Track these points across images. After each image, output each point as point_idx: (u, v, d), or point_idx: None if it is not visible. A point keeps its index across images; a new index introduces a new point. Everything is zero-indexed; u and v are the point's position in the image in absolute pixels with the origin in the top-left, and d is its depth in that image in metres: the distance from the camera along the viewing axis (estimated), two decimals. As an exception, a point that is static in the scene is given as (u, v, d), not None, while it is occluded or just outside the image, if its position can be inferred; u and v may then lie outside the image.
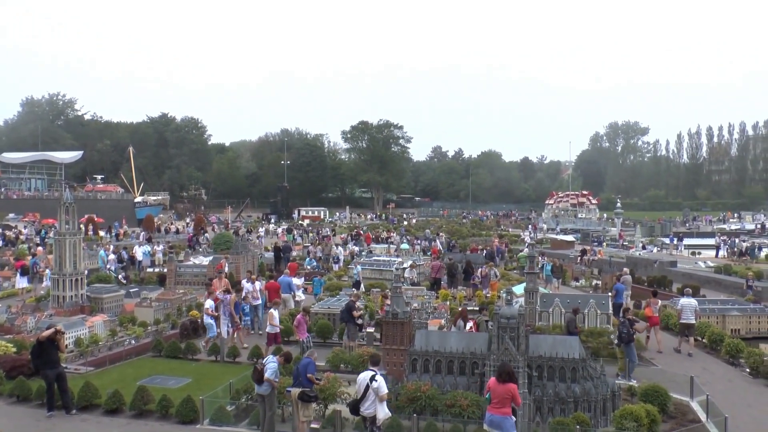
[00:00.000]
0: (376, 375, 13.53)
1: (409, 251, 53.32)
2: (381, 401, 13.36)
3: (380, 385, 13.37)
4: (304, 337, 22.49)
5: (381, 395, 13.33)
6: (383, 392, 13.37)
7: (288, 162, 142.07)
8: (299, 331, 22.73)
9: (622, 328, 20.51)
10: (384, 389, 13.40)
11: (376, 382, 13.37)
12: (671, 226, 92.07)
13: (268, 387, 14.83)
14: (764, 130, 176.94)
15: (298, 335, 22.78)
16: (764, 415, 17.27)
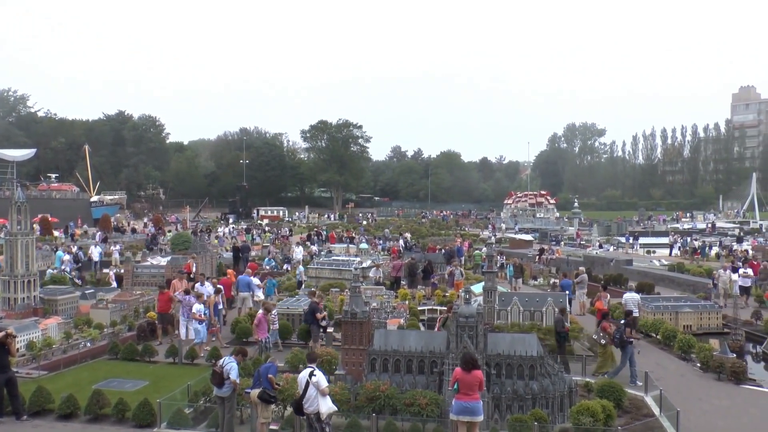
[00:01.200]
0: (314, 370, 13.62)
1: (369, 251, 53.31)
2: (323, 395, 13.42)
3: (319, 379, 13.45)
4: (263, 337, 22.34)
5: (322, 389, 13.40)
6: (323, 386, 13.45)
7: (247, 161, 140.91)
8: (259, 330, 22.55)
9: (616, 333, 20.46)
10: (324, 383, 13.48)
11: (315, 377, 13.44)
12: (627, 225, 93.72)
13: (228, 389, 14.66)
14: (714, 132, 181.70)
15: (258, 334, 22.60)
16: (713, 408, 17.81)
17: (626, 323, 20.70)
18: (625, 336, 20.10)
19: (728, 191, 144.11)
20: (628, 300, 27.00)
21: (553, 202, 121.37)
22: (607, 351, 20.97)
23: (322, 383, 13.45)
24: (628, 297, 27.31)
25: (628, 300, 26.99)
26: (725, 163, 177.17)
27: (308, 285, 35.26)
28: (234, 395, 14.86)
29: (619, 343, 20.30)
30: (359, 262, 39.35)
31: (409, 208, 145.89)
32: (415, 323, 24.95)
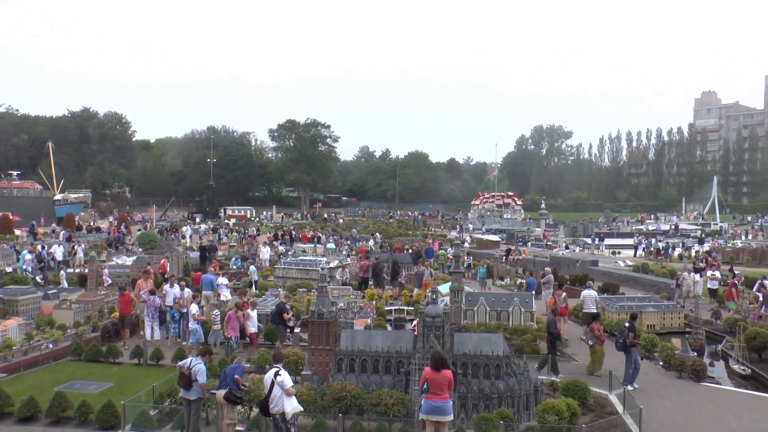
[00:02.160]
0: (279, 370, 13.52)
1: (336, 251, 53.22)
2: (288, 395, 13.32)
3: (284, 379, 13.35)
4: (234, 335, 22.15)
5: (286, 389, 13.29)
6: (288, 385, 13.33)
7: (214, 160, 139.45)
8: (229, 328, 22.33)
9: (619, 338, 20.39)
10: (288, 383, 13.36)
11: (280, 377, 13.34)
12: (593, 226, 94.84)
13: (197, 391, 14.50)
14: (678, 136, 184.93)
15: (228, 331, 22.36)
16: (675, 405, 18.17)
17: (629, 327, 20.30)
18: (628, 341, 19.85)
19: (691, 194, 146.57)
20: (585, 296, 27.58)
21: (520, 203, 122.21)
22: (597, 352, 20.94)
23: (287, 383, 13.33)
24: (585, 294, 27.88)
25: (586, 297, 27.55)
26: (688, 167, 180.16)
27: (275, 285, 35.07)
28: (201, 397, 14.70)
29: (622, 348, 20.11)
30: (326, 263, 39.29)
31: (377, 209, 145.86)
32: (382, 323, 25.02)
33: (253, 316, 23.21)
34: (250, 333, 22.87)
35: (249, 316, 22.96)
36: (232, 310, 22.87)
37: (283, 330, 23.65)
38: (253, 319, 23.16)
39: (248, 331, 22.89)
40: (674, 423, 16.71)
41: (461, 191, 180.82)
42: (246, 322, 22.87)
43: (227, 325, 22.48)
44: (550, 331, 21.45)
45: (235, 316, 22.47)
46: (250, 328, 22.93)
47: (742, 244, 67.23)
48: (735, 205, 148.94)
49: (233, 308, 23.40)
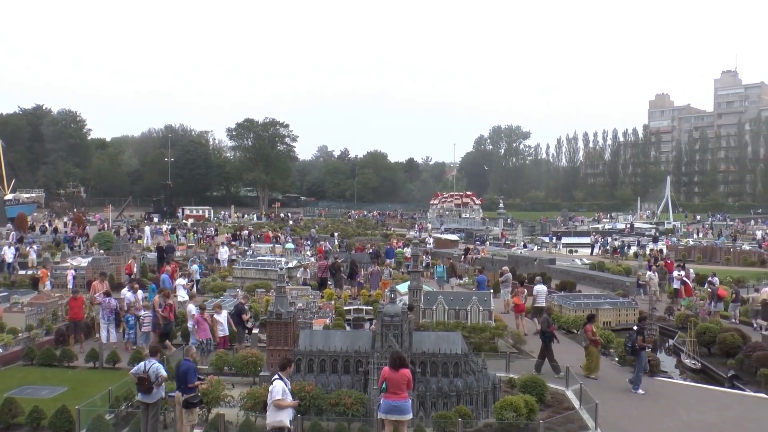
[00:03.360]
0: (275, 379, 13.09)
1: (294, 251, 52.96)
2: (275, 407, 12.84)
3: (273, 388, 12.90)
4: (205, 338, 21.88)
5: (273, 400, 12.85)
6: (274, 397, 12.84)
7: (172, 159, 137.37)
8: (199, 331, 22.01)
9: (627, 342, 20.20)
10: (276, 394, 12.82)
11: (272, 385, 12.97)
12: (550, 225, 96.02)
13: (156, 394, 14.22)
14: (633, 137, 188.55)
15: (198, 335, 22.04)
16: (629, 399, 18.70)
17: (638, 331, 20.01)
18: (637, 345, 19.55)
19: (645, 193, 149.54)
20: (538, 292, 28.38)
21: (479, 202, 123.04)
22: (591, 353, 20.79)
23: (274, 394, 12.84)
24: (538, 289, 28.58)
25: (539, 292, 28.38)
26: (643, 167, 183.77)
27: (233, 286, 34.74)
28: (160, 400, 14.47)
29: (631, 352, 19.93)
30: (285, 263, 39.07)
31: (336, 208, 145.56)
32: (341, 323, 24.96)
33: (222, 320, 22.89)
34: (219, 337, 22.57)
35: (218, 321, 22.66)
36: (199, 314, 22.55)
37: (242, 331, 23.44)
38: (222, 323, 22.85)
39: (217, 336, 22.59)
40: (628, 416, 17.12)
41: (420, 191, 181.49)
42: (216, 326, 22.58)
43: (197, 329, 22.14)
44: (542, 330, 21.44)
45: (203, 319, 22.18)
46: (219, 332, 22.64)
47: (693, 242, 68.74)
48: (687, 204, 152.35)
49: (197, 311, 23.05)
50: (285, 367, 13.50)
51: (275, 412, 12.89)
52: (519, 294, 28.50)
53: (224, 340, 22.77)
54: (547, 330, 21.15)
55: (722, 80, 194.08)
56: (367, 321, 26.81)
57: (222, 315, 23.04)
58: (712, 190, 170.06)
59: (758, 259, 51.33)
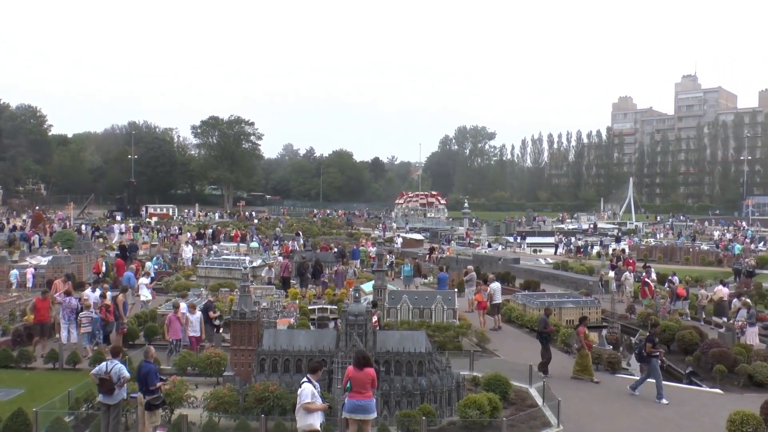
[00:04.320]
0: (304, 382, 12.81)
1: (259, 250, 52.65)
2: (304, 410, 12.55)
3: (302, 392, 12.61)
4: (175, 338, 21.59)
5: (301, 404, 12.60)
6: (303, 400, 12.54)
7: (135, 156, 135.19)
8: (170, 331, 21.72)
9: (636, 348, 19.89)
10: (306, 398, 12.47)
11: (300, 389, 12.72)
12: (515, 225, 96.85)
13: (118, 395, 13.98)
14: (597, 138, 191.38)
15: (169, 335, 21.74)
16: (591, 396, 18.99)
17: (648, 337, 19.36)
18: (645, 351, 19.01)
19: (609, 194, 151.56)
20: (495, 289, 28.93)
21: (444, 202, 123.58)
22: (584, 355, 20.56)
23: (303, 397, 12.56)
24: (494, 287, 29.14)
25: (495, 289, 28.94)
26: (606, 168, 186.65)
27: (197, 285, 34.40)
28: (122, 401, 14.22)
29: (639, 358, 19.49)
30: (249, 262, 38.83)
31: (301, 207, 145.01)
32: (305, 322, 24.88)
33: (194, 320, 22.61)
34: (190, 337, 22.27)
35: (190, 321, 22.37)
36: (171, 313, 22.25)
37: (211, 329, 23.16)
38: (193, 324, 22.55)
39: (188, 335, 22.30)
40: (590, 413, 17.38)
41: (385, 190, 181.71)
42: (187, 326, 22.30)
43: (168, 328, 21.85)
44: (539, 330, 21.31)
45: (176, 318, 21.87)
46: (190, 332, 22.36)
47: (654, 242, 69.88)
48: (649, 205, 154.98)
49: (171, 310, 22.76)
50: (315, 371, 13.20)
51: (305, 416, 12.58)
52: (481, 291, 28.88)
53: (197, 339, 22.46)
54: (544, 330, 21.06)
55: (682, 84, 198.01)
56: (332, 320, 26.76)
57: (196, 315, 22.73)
58: (673, 192, 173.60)
59: (715, 259, 52.41)
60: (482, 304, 28.16)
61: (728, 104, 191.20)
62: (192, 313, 22.56)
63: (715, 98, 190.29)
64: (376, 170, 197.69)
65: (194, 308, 23.02)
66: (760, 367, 20.36)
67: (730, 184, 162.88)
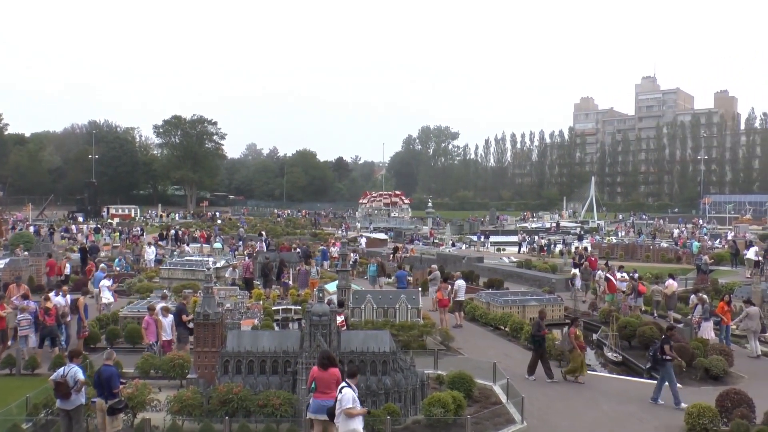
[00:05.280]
0: (344, 387, 12.65)
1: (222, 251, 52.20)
2: (347, 416, 12.39)
3: (344, 397, 12.43)
4: (154, 341, 21.25)
5: (343, 409, 12.42)
6: (345, 406, 12.37)
7: (96, 156, 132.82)
8: (148, 334, 21.44)
9: (650, 352, 19.13)
10: (347, 403, 12.33)
11: (341, 394, 12.52)
12: (479, 224, 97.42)
13: (76, 400, 13.74)
14: (559, 138, 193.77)
15: (148, 338, 21.44)
16: (555, 392, 19.23)
17: (663, 340, 18.85)
18: (659, 354, 18.46)
19: (571, 193, 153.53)
20: (459, 286, 29.11)
21: (408, 201, 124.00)
22: (576, 356, 20.29)
23: (345, 403, 12.39)
24: (459, 284, 29.37)
25: (459, 287, 29.16)
26: (568, 167, 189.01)
27: (160, 286, 33.98)
28: (81, 406, 13.98)
29: (653, 363, 18.77)
30: (213, 263, 38.48)
31: (265, 207, 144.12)
32: (269, 323, 24.73)
33: (166, 323, 22.28)
34: (163, 340, 21.97)
35: (162, 324, 22.05)
36: (147, 315, 21.93)
37: (184, 332, 22.81)
38: (166, 326, 22.24)
39: (162, 338, 22.01)
40: (553, 409, 17.60)
41: (349, 190, 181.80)
42: (160, 329, 21.99)
43: (145, 332, 21.58)
44: (532, 333, 21.09)
45: (153, 321, 21.56)
46: (163, 336, 22.06)
47: (616, 240, 70.90)
48: (610, 204, 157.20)
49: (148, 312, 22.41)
50: (354, 375, 13.14)
51: (347, 421, 12.44)
52: (442, 289, 28.81)
53: (168, 343, 22.15)
54: (537, 334, 20.68)
55: (642, 85, 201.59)
56: (296, 321, 26.66)
57: (168, 318, 22.41)
58: (634, 191, 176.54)
59: (674, 256, 53.37)
60: (443, 301, 28.21)
61: (686, 105, 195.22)
62: (164, 316, 22.30)
63: (674, 99, 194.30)
64: (339, 170, 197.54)
65: (167, 311, 22.77)
66: (715, 361, 20.89)
67: (688, 183, 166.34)
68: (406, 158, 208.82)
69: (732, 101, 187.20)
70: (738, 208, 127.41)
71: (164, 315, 22.31)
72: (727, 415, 15.44)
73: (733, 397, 15.79)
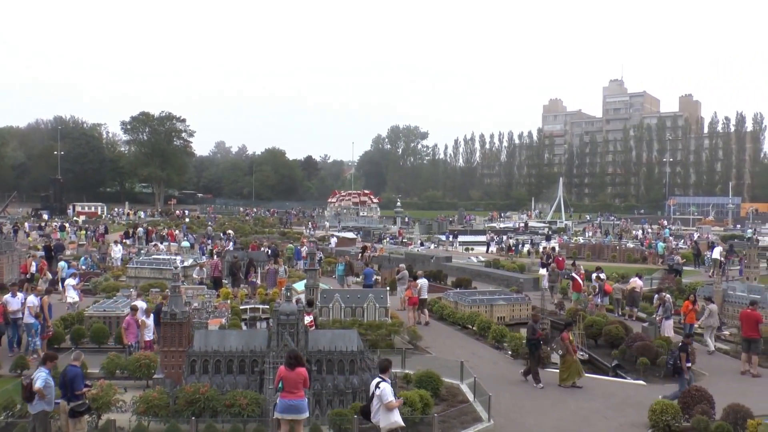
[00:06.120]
0: (380, 382, 13.08)
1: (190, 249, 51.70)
2: (387, 409, 12.86)
3: (383, 392, 12.89)
4: (134, 341, 20.95)
5: (385, 403, 12.83)
6: (386, 400, 12.86)
7: (62, 152, 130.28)
8: (128, 334, 21.13)
9: (669, 359, 19.08)
10: (388, 397, 12.87)
11: (380, 389, 12.93)
12: (447, 224, 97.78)
13: (38, 406, 13.45)
14: (528, 139, 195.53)
15: (126, 339, 21.13)
16: (522, 391, 19.46)
17: (681, 347, 18.79)
18: (678, 363, 18.43)
19: (539, 194, 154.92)
20: (422, 285, 29.59)
21: (377, 201, 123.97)
22: (569, 361, 20.15)
23: (385, 397, 12.88)
24: (420, 282, 29.79)
25: (423, 285, 29.61)
26: (537, 168, 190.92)
27: (127, 286, 33.57)
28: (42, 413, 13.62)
29: (673, 371, 18.79)
30: (180, 261, 38.13)
31: (233, 206, 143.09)
32: (236, 323, 24.58)
33: (150, 323, 22.00)
34: (145, 341, 21.69)
35: (145, 324, 21.78)
36: (129, 315, 21.63)
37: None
38: (149, 327, 21.95)
39: (143, 339, 21.71)
40: (520, 407, 17.77)
41: (318, 189, 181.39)
42: (143, 329, 21.70)
43: (126, 332, 21.26)
44: (528, 337, 20.86)
45: (134, 321, 21.27)
46: (146, 335, 21.77)
47: (583, 240, 71.69)
48: (578, 204, 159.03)
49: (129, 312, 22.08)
50: (386, 370, 13.54)
51: (388, 415, 12.92)
52: (411, 288, 29.28)
53: (150, 343, 21.87)
54: (532, 337, 20.43)
55: (610, 88, 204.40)
56: (264, 320, 26.52)
57: (151, 318, 22.17)
58: (601, 192, 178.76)
59: (640, 256, 54.18)
60: (412, 299, 28.52)
61: (652, 108, 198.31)
62: (147, 317, 22.10)
63: (641, 102, 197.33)
64: (308, 169, 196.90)
65: (149, 312, 22.53)
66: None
67: (654, 184, 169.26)
68: (375, 157, 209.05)
69: (696, 105, 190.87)
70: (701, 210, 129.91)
71: (147, 315, 22.17)
72: (689, 411, 15.81)
73: (694, 394, 16.22)
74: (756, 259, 36.21)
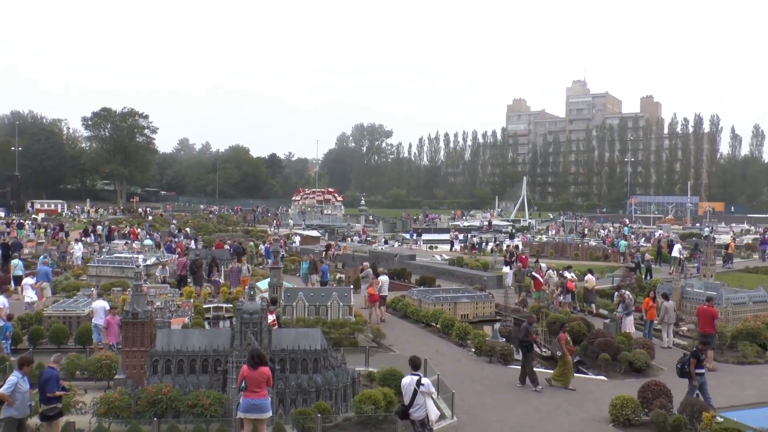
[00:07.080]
0: (421, 378, 13.82)
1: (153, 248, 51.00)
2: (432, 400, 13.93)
3: (428, 385, 13.83)
4: (115, 341, 20.62)
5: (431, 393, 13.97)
6: (432, 391, 14.11)
7: (20, 149, 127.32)
8: (109, 334, 20.83)
9: (678, 363, 17.93)
10: (433, 388, 14.21)
11: (424, 386, 13.66)
12: (411, 222, 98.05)
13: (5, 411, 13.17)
14: (492, 139, 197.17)
15: (108, 339, 20.81)
16: (485, 387, 19.66)
17: (694, 353, 17.80)
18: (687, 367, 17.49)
19: (503, 192, 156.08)
20: (383, 282, 30.20)
21: (341, 199, 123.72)
22: (566, 363, 19.90)
23: (432, 388, 14.06)
24: (382, 279, 30.44)
25: (384, 282, 30.23)
26: (501, 167, 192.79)
27: (88, 285, 33.04)
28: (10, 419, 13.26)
29: (680, 374, 17.74)
30: (143, 260, 37.63)
31: (197, 203, 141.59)
32: (200, 322, 24.35)
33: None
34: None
35: None
36: (110, 315, 21.29)
37: None
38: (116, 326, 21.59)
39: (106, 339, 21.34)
40: (483, 404, 17.96)
41: (282, 187, 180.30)
42: None
43: (107, 332, 20.96)
44: (520, 339, 20.55)
45: (115, 322, 20.91)
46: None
47: (547, 239, 72.44)
48: (541, 203, 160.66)
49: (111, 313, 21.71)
50: (419, 366, 14.39)
51: (433, 405, 13.92)
52: (373, 285, 29.48)
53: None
54: (525, 339, 20.05)
55: (573, 89, 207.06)
56: (227, 319, 26.34)
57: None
58: (564, 191, 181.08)
59: (602, 254, 54.94)
60: (374, 296, 28.65)
61: (614, 109, 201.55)
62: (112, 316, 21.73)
63: (603, 103, 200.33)
64: (273, 166, 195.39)
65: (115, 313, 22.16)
66: (639, 354, 21.78)
67: (616, 184, 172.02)
68: (339, 156, 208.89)
69: (657, 106, 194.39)
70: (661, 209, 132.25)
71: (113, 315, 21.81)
72: (648, 405, 16.26)
73: (653, 389, 16.61)
74: (713, 257, 37.10)
